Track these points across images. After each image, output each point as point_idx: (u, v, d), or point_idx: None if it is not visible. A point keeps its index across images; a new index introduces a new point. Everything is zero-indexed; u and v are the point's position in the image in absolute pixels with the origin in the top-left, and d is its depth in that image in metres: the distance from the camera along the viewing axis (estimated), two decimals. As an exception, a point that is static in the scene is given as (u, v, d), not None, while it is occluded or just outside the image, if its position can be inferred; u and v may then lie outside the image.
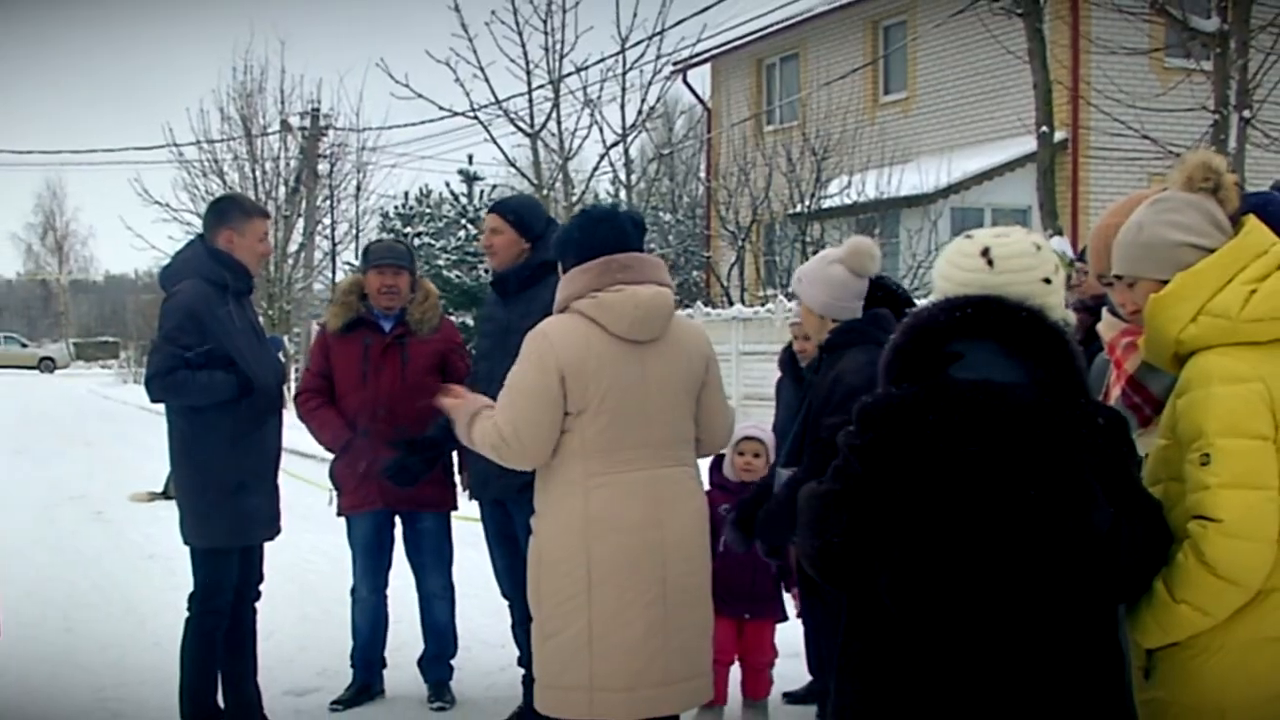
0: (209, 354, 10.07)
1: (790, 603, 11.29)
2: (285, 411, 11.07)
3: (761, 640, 10.99)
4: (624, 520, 8.06)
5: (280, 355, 11.18)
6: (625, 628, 8.02)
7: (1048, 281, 5.63)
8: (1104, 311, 6.75)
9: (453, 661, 12.40)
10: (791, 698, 11.71)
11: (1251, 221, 5.82)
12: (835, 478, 5.57)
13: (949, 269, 5.81)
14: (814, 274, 8.97)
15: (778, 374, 11.51)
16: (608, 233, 8.41)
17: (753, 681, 11.06)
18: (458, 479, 11.90)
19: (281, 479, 10.96)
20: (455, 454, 11.61)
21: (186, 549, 10.66)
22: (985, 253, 5.70)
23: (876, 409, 5.48)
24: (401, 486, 11.36)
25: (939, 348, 5.47)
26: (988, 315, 5.44)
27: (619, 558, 8.04)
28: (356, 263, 15.77)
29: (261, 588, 11.12)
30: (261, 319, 43.17)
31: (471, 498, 11.49)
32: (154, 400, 10.48)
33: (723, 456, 10.96)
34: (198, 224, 51.25)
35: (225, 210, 10.69)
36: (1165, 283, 5.71)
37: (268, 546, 11.14)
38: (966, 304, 5.50)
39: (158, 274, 10.85)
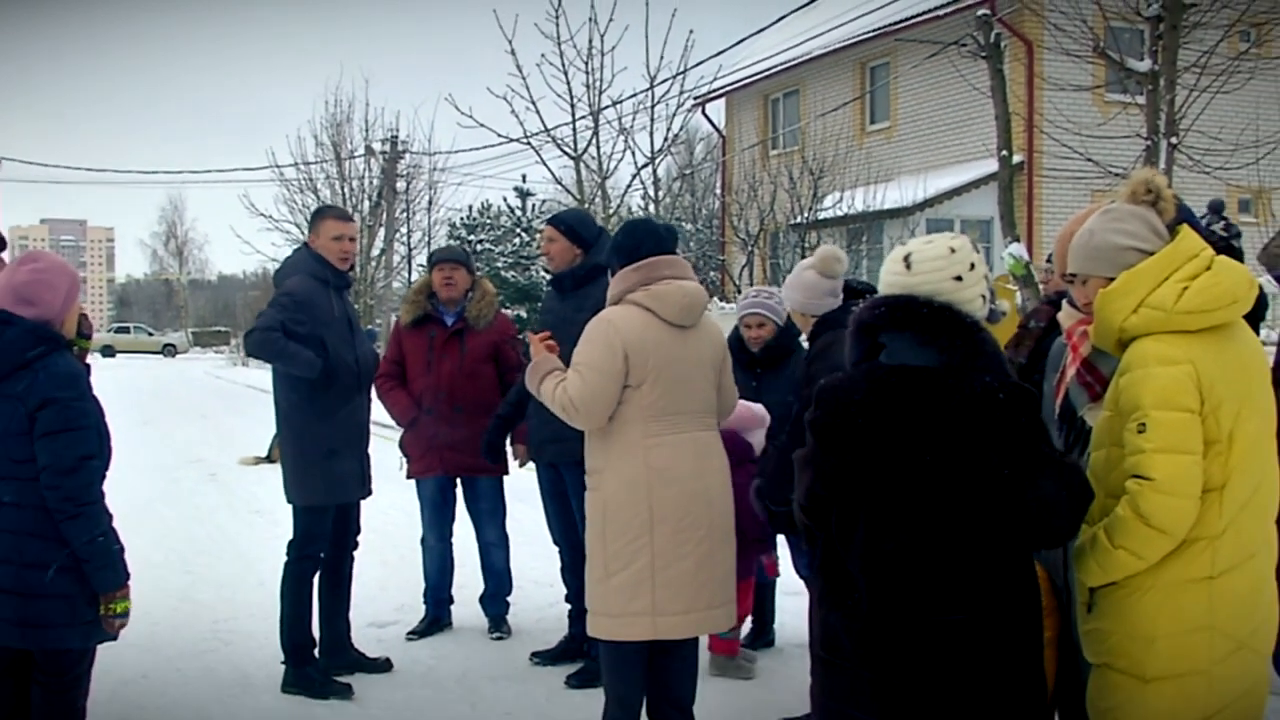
0: (306, 335, 10.24)
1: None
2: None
3: (748, 597, 10.93)
4: (677, 472, 8.31)
5: (375, 345, 11.35)
6: (681, 561, 8.27)
7: (959, 279, 5.72)
8: (1064, 304, 6.78)
9: (509, 599, 12.53)
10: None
11: (1185, 230, 5.94)
12: (806, 445, 5.81)
13: (883, 273, 5.96)
14: (792, 280, 9.14)
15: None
16: (651, 239, 8.69)
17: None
18: (510, 449, 12.02)
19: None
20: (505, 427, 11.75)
21: (288, 504, 10.83)
22: (906, 258, 5.85)
23: (823, 391, 5.70)
24: (493, 463, 11.80)
25: (873, 339, 5.64)
26: (898, 311, 5.61)
27: (675, 504, 8.29)
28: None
29: (358, 539, 11.23)
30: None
31: (523, 463, 11.72)
32: (249, 351, 10.71)
33: None
34: (296, 233, 51.80)
35: (311, 216, 10.94)
36: (1113, 280, 5.83)
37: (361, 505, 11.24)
38: (883, 303, 5.71)
39: (273, 274, 11.01)
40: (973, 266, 5.79)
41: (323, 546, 10.89)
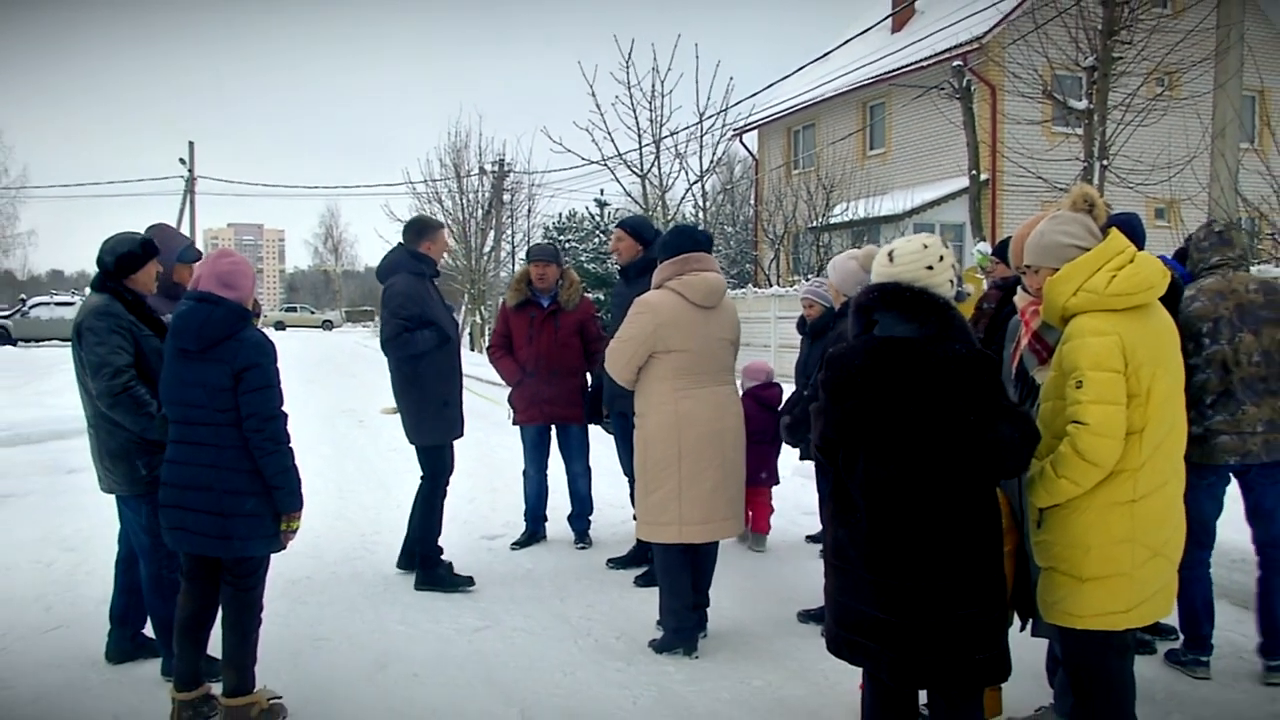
0: (420, 319, 10.56)
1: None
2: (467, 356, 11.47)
3: (768, 498, 12.53)
4: (699, 418, 8.78)
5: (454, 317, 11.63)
6: (700, 484, 8.75)
7: (930, 268, 5.73)
8: (1018, 289, 6.83)
9: (590, 518, 12.69)
10: (812, 539, 12.45)
11: (1114, 231, 6.06)
12: (818, 398, 5.90)
13: (875, 265, 5.99)
14: (837, 263, 9.26)
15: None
16: (687, 240, 9.07)
17: (762, 522, 12.44)
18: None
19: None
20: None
21: (410, 445, 11.06)
22: (890, 254, 5.89)
23: (831, 358, 5.80)
24: (594, 422, 12.30)
25: (869, 317, 5.74)
26: (886, 295, 5.68)
27: (697, 441, 8.76)
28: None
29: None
30: (466, 297, 43.28)
31: (607, 415, 11.86)
32: (389, 355, 10.79)
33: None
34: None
35: (424, 228, 11.13)
36: (1058, 270, 5.97)
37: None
38: (875, 289, 5.77)
39: (376, 270, 11.19)
40: (941, 258, 5.81)
41: (450, 475, 11.14)
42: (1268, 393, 7.90)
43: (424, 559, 10.89)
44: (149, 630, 8.66)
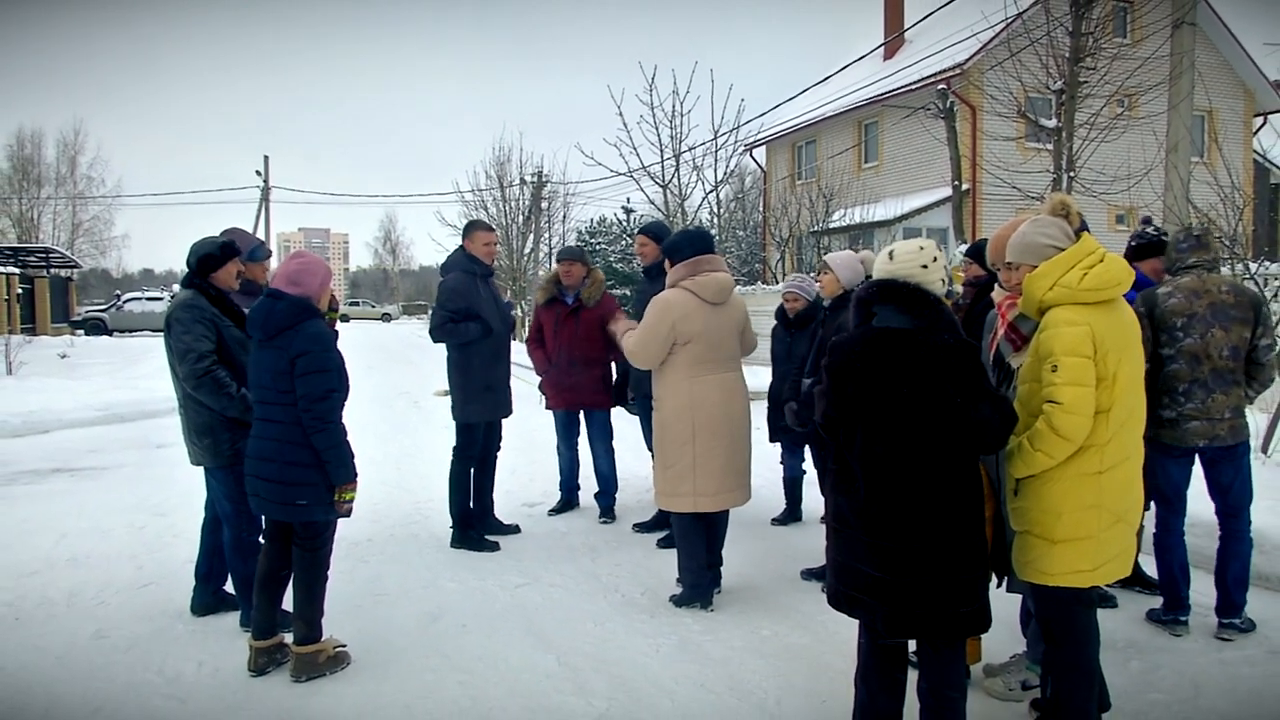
0: (465, 313, 10.79)
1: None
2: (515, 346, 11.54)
3: None
4: (710, 400, 8.79)
5: (513, 313, 11.68)
6: (713, 459, 8.76)
7: (924, 267, 5.77)
8: (995, 285, 6.87)
9: (615, 494, 12.60)
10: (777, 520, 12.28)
11: (1085, 235, 6.09)
12: (821, 382, 5.87)
13: (876, 263, 6.00)
14: (846, 261, 9.23)
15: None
16: (698, 242, 9.04)
17: None
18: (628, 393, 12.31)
19: (521, 385, 11.19)
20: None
21: (453, 421, 11.22)
22: (890, 253, 5.92)
23: (834, 344, 5.80)
24: (619, 405, 12.28)
25: (868, 309, 5.74)
26: (886, 290, 5.69)
27: (709, 420, 8.77)
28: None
29: (501, 443, 11.60)
30: (510, 293, 43.12)
31: (633, 398, 11.95)
32: (435, 341, 11.03)
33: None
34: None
35: (466, 228, 11.30)
36: (1036, 267, 5.99)
37: (517, 424, 11.46)
38: (875, 284, 5.77)
39: (440, 266, 11.33)
40: (935, 259, 5.85)
41: (476, 451, 11.29)
42: (1234, 383, 8.01)
43: (459, 521, 11.18)
44: (229, 586, 8.76)
